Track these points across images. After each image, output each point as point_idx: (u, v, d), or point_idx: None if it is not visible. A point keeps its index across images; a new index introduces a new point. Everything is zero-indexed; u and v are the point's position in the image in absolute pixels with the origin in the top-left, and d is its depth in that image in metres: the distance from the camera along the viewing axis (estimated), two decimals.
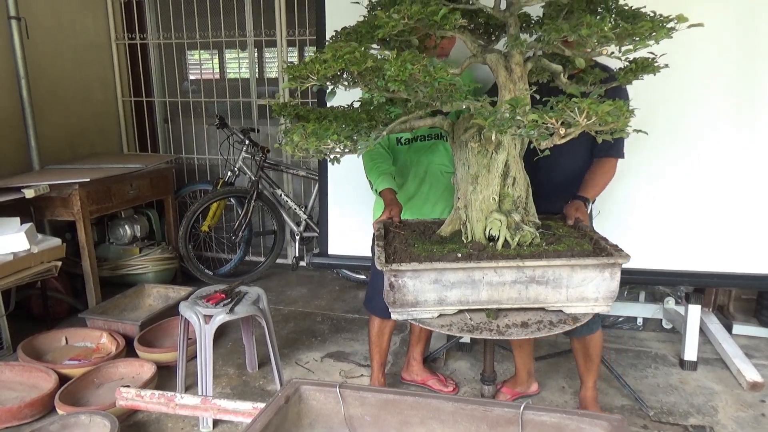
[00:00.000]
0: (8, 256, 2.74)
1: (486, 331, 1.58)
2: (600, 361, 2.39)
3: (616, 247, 1.61)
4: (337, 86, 1.48)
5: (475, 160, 1.70)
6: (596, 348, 2.33)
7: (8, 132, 3.53)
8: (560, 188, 2.12)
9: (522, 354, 2.54)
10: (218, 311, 2.36)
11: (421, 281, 1.59)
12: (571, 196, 2.06)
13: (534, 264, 1.55)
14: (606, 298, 1.59)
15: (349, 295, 3.91)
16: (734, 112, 2.49)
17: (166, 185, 4.02)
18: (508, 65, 1.65)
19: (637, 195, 2.61)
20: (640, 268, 2.47)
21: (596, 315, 2.16)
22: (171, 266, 3.94)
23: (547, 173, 2.08)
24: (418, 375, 2.70)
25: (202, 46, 4.46)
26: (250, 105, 4.47)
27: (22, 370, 2.62)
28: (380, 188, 2.15)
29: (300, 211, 4.08)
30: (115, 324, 3.04)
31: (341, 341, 3.21)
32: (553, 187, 2.10)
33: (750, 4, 2.39)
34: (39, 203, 3.22)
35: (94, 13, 4.23)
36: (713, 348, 3.07)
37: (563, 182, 2.15)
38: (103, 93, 4.36)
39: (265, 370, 2.83)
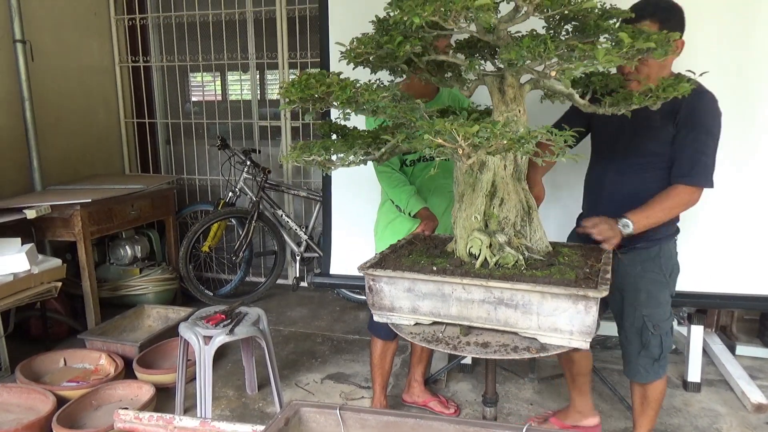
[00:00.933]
0: (8, 276, 2.73)
1: (443, 344, 1.60)
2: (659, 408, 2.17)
3: (606, 281, 1.52)
4: (317, 107, 1.62)
5: (462, 178, 1.73)
6: (658, 392, 2.11)
7: (11, 153, 3.55)
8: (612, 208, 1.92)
9: (576, 384, 2.42)
10: (218, 332, 2.35)
11: (396, 288, 1.65)
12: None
13: (499, 285, 1.53)
14: (581, 332, 1.50)
15: (349, 315, 3.89)
16: (732, 131, 2.49)
17: (167, 206, 4.03)
18: (501, 87, 1.67)
19: None
20: None
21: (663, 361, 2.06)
22: (171, 287, 3.93)
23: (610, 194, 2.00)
24: (419, 397, 2.68)
25: (204, 68, 4.52)
26: (252, 126, 4.50)
27: (20, 392, 2.60)
28: (414, 210, 2.22)
29: (301, 232, 4.08)
30: (114, 345, 3.02)
31: (341, 362, 3.18)
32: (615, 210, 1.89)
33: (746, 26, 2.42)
34: (40, 224, 3.22)
35: (98, 36, 4.29)
36: (717, 369, 3.04)
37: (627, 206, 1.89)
38: (105, 114, 4.40)
39: (265, 392, 2.80)
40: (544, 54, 1.41)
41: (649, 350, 2.04)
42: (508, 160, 1.69)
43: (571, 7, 1.47)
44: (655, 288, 2.02)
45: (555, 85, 1.64)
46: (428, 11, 1.37)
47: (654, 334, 2.02)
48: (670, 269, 2.05)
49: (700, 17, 2.36)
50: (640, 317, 2.03)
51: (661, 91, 1.58)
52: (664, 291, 2.04)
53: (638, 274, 2.02)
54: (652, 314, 2.02)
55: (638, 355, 2.06)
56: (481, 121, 1.45)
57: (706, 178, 1.88)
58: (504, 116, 1.66)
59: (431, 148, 1.41)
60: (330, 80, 1.56)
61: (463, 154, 1.41)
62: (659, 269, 2.02)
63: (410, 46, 1.56)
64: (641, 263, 2.02)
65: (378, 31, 1.67)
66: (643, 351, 2.05)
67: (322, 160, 1.67)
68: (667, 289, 2.05)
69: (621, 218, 1.82)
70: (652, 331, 2.02)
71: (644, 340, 2.04)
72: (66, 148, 4.00)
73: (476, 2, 1.34)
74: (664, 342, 2.04)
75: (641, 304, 2.02)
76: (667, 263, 2.04)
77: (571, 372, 2.39)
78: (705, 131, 1.86)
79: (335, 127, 1.87)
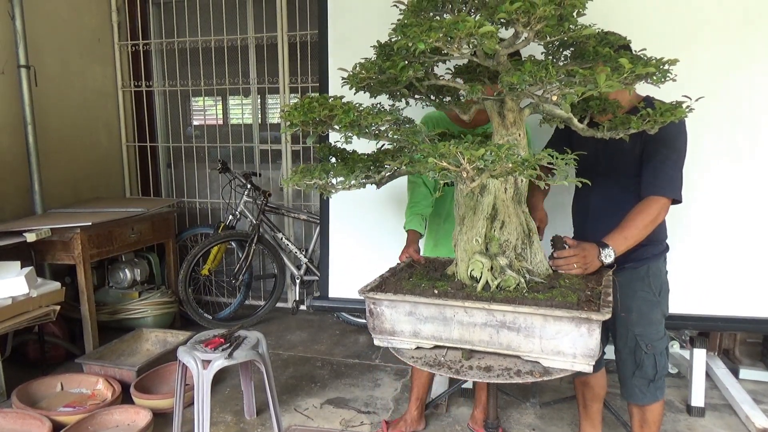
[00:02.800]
0: (7, 300, 2.72)
1: (446, 368, 1.59)
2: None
3: (608, 304, 1.53)
4: (319, 131, 1.64)
5: (463, 201, 1.74)
6: (656, 414, 2.11)
7: (12, 176, 3.57)
8: (600, 228, 1.92)
9: (588, 413, 2.38)
10: (217, 356, 2.33)
11: (397, 312, 1.64)
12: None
13: (501, 308, 1.53)
14: (585, 355, 1.50)
15: (349, 339, 3.86)
16: (733, 150, 2.51)
17: (168, 229, 4.03)
18: (501, 111, 1.69)
19: None
20: None
21: (660, 382, 2.06)
22: (170, 310, 3.91)
23: (595, 217, 2.02)
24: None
25: (206, 93, 4.57)
26: (253, 150, 4.53)
27: (16, 417, 2.56)
28: (406, 228, 2.27)
29: (301, 255, 4.08)
30: (111, 369, 2.99)
31: (341, 387, 3.15)
32: (602, 232, 1.89)
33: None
34: (40, 247, 3.22)
35: (102, 62, 4.35)
36: (720, 393, 3.01)
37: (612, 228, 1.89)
38: (107, 138, 4.44)
39: (264, 417, 2.77)
40: (546, 78, 1.43)
41: (643, 370, 2.05)
42: (508, 183, 1.70)
43: (572, 34, 1.49)
44: (645, 307, 2.04)
45: (554, 109, 1.66)
46: (433, 38, 1.39)
47: (647, 353, 2.04)
48: (659, 288, 2.07)
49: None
50: (633, 337, 2.05)
51: (659, 115, 1.60)
52: (655, 310, 2.05)
53: (628, 294, 2.03)
54: (644, 333, 2.04)
55: (633, 375, 2.07)
56: (483, 144, 1.47)
57: (672, 189, 1.89)
58: (505, 140, 1.67)
59: (435, 171, 1.42)
60: (333, 103, 1.58)
61: (468, 177, 1.41)
62: (649, 288, 2.05)
63: (413, 72, 1.58)
64: (630, 283, 2.03)
65: (379, 56, 1.69)
66: (637, 371, 2.06)
67: (323, 184, 1.68)
68: (659, 307, 2.07)
69: (603, 248, 1.80)
70: (645, 350, 2.04)
71: (638, 359, 2.05)
72: (67, 171, 4.02)
73: (480, 29, 1.36)
74: (658, 362, 2.05)
75: (633, 324, 2.04)
76: (656, 282, 2.06)
77: (585, 398, 2.35)
78: (667, 146, 1.89)
79: (334, 151, 1.88)
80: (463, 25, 1.35)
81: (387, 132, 1.65)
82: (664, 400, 2.12)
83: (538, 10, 1.38)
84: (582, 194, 2.16)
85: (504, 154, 1.37)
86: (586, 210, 2.13)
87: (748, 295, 2.56)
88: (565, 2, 1.43)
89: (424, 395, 2.62)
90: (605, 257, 1.80)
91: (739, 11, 2.42)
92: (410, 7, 1.63)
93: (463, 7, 1.65)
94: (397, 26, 1.53)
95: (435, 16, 1.67)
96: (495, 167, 1.38)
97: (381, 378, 3.25)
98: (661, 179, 1.88)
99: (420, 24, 1.43)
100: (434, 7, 1.64)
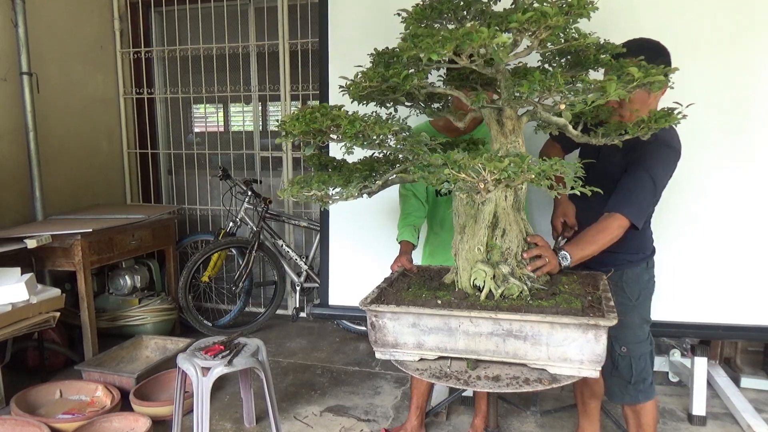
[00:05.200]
0: (7, 306, 2.72)
1: (453, 379, 1.57)
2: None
3: (611, 309, 1.54)
4: (318, 141, 1.63)
5: (464, 209, 1.73)
6: (649, 417, 2.13)
7: (13, 183, 3.58)
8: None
9: (587, 410, 2.43)
10: (216, 363, 2.33)
11: (400, 323, 1.62)
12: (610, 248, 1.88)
13: (508, 317, 1.52)
14: (592, 361, 1.50)
15: (349, 347, 3.85)
16: (734, 157, 2.51)
17: (168, 235, 4.03)
18: (500, 119, 1.69)
19: None
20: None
21: (650, 380, 2.09)
22: (170, 317, 3.90)
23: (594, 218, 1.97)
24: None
25: (207, 100, 4.59)
26: (253, 157, 4.54)
27: (14, 425, 2.55)
28: (399, 239, 2.27)
29: (301, 262, 4.07)
30: (110, 376, 2.99)
31: (341, 395, 3.14)
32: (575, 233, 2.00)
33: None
34: (40, 253, 3.22)
35: (104, 69, 4.36)
36: (722, 402, 2.99)
37: (581, 229, 1.98)
38: (109, 145, 4.45)
39: (263, 425, 2.76)
40: (554, 87, 1.43)
41: (619, 371, 2.09)
42: (509, 191, 1.70)
43: (575, 43, 1.50)
44: (619, 310, 2.02)
45: (551, 117, 1.67)
46: (448, 48, 1.38)
47: (622, 356, 2.08)
48: (638, 293, 2.09)
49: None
50: (608, 338, 2.04)
51: (653, 122, 1.62)
52: (630, 314, 2.06)
53: None
54: (618, 336, 2.05)
55: (610, 375, 2.12)
56: (474, 151, 1.46)
57: (637, 214, 1.88)
58: (505, 148, 1.67)
59: (450, 182, 1.41)
60: (336, 114, 1.57)
61: (484, 188, 1.40)
62: (622, 292, 2.07)
63: (417, 80, 1.57)
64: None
65: (378, 63, 1.70)
66: (614, 371, 2.11)
67: (321, 195, 1.68)
68: (635, 311, 2.08)
69: (560, 251, 1.82)
70: (619, 352, 2.08)
71: (614, 360, 2.09)
72: (68, 178, 4.02)
73: (495, 40, 1.36)
74: (636, 365, 2.07)
75: None
76: (632, 287, 2.08)
77: (584, 396, 2.39)
78: (645, 170, 1.90)
79: (326, 160, 1.87)
80: (477, 36, 1.35)
81: (390, 141, 1.64)
82: (655, 404, 2.14)
83: (550, 20, 1.38)
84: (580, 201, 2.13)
85: (526, 166, 1.37)
86: (585, 216, 2.11)
87: (750, 303, 2.56)
88: (572, 11, 1.43)
89: (424, 404, 2.61)
90: (562, 259, 1.81)
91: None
92: (413, 16, 1.64)
93: (465, 15, 1.65)
94: (407, 36, 1.52)
95: (437, 24, 1.68)
96: (517, 178, 1.37)
97: (381, 386, 3.24)
98: (632, 202, 1.88)
99: (432, 34, 1.42)
100: (438, 15, 1.64)
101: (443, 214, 2.42)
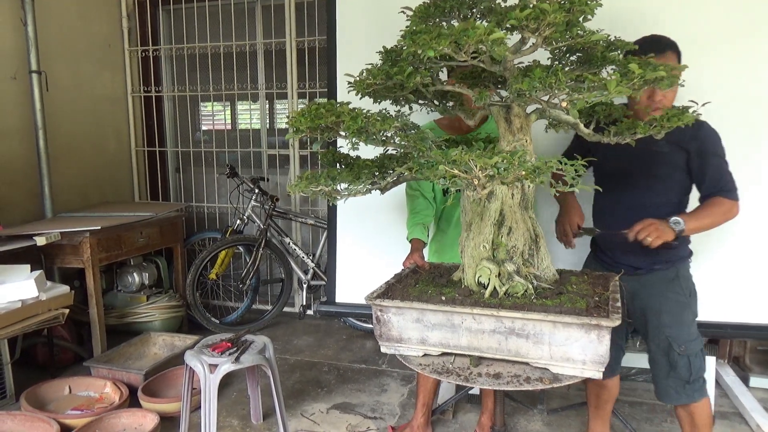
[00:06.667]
0: (17, 303, 2.74)
1: (454, 375, 1.58)
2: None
3: (617, 310, 1.52)
4: (326, 137, 1.65)
5: (470, 207, 1.73)
6: (703, 417, 2.10)
7: (23, 181, 3.60)
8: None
9: (600, 413, 2.42)
10: (224, 360, 2.34)
11: (405, 319, 1.63)
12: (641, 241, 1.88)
13: (510, 315, 1.52)
14: (594, 362, 1.49)
15: (356, 344, 3.86)
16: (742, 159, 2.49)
17: (176, 233, 4.05)
18: (508, 117, 1.68)
19: None
20: None
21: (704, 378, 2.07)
22: (178, 314, 3.93)
23: (626, 221, 1.95)
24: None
25: (215, 98, 4.60)
26: (261, 154, 4.55)
27: (24, 420, 2.58)
28: (409, 237, 2.28)
29: (308, 260, 4.08)
30: (119, 373, 3.01)
31: (348, 392, 3.15)
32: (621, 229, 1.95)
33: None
34: (49, 251, 3.25)
35: (112, 67, 4.38)
36: (730, 402, 2.98)
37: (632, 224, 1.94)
38: (117, 143, 4.47)
39: (270, 422, 2.77)
40: (555, 85, 1.43)
41: (677, 371, 2.06)
42: (515, 188, 1.70)
43: (580, 40, 1.49)
44: (677, 308, 2.06)
45: (561, 114, 1.66)
46: (443, 44, 1.39)
47: (681, 354, 2.04)
48: (689, 289, 2.10)
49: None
50: (665, 338, 2.06)
51: (665, 120, 1.60)
52: (686, 311, 2.07)
53: (660, 296, 2.07)
54: (676, 335, 2.04)
55: (667, 376, 2.08)
56: (486, 150, 1.46)
57: (735, 190, 1.98)
58: (512, 145, 1.67)
59: (446, 179, 1.42)
60: (340, 110, 1.58)
61: (479, 184, 1.41)
62: (680, 289, 2.07)
63: (420, 78, 1.58)
64: (660, 285, 2.07)
65: (385, 61, 1.70)
66: (672, 372, 2.07)
67: (329, 190, 1.69)
68: (689, 309, 2.08)
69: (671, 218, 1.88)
70: (678, 351, 2.04)
71: (672, 361, 2.06)
72: (77, 175, 4.05)
73: (491, 36, 1.35)
74: (693, 363, 2.04)
75: (665, 325, 2.06)
76: (686, 284, 2.10)
77: (599, 399, 2.38)
78: (718, 155, 2.00)
79: (338, 157, 1.89)
80: (473, 32, 1.35)
81: (394, 138, 1.65)
82: (709, 402, 2.12)
83: (548, 17, 1.38)
84: (609, 199, 2.10)
85: (517, 161, 1.37)
86: (613, 214, 2.13)
87: (759, 302, 2.53)
88: (574, 8, 1.43)
89: (430, 401, 2.61)
90: (674, 224, 1.86)
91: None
92: (418, 14, 1.64)
93: (470, 13, 1.65)
94: (406, 33, 1.53)
95: (442, 22, 1.67)
96: (507, 175, 1.37)
97: (388, 383, 3.25)
98: (723, 183, 1.97)
99: (429, 31, 1.43)
100: (442, 13, 1.64)
101: (451, 211, 2.41)
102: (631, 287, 2.05)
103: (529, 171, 1.38)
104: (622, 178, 2.09)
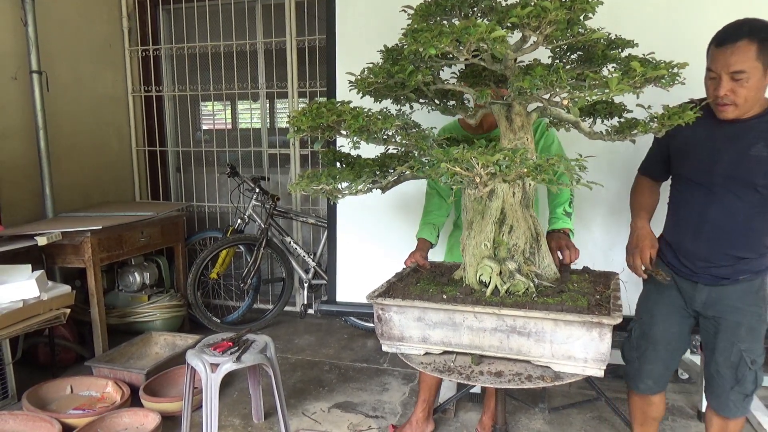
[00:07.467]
0: (18, 303, 2.74)
1: (456, 373, 1.58)
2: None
3: (618, 308, 1.51)
4: (326, 136, 1.64)
5: (471, 205, 1.73)
6: (738, 428, 2.00)
7: (24, 181, 3.61)
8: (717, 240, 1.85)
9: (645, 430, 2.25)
10: (225, 360, 2.34)
11: (406, 317, 1.63)
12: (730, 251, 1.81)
13: (512, 313, 1.52)
14: (596, 360, 1.49)
15: (357, 343, 3.86)
16: None
17: (177, 233, 4.05)
18: (509, 115, 1.68)
19: None
20: None
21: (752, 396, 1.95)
22: (179, 314, 3.93)
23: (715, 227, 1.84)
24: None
25: (215, 97, 4.60)
26: (261, 154, 4.55)
27: (26, 420, 2.58)
28: (418, 236, 2.27)
29: (309, 259, 4.08)
30: (120, 372, 3.01)
31: (349, 391, 3.15)
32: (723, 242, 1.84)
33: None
34: (50, 250, 3.25)
35: (112, 67, 4.38)
36: None
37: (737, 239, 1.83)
38: (118, 143, 4.47)
39: (272, 421, 2.77)
40: (557, 83, 1.42)
41: (743, 386, 1.93)
42: (516, 187, 1.70)
43: (581, 38, 1.49)
44: (755, 322, 1.92)
45: (561, 113, 1.66)
46: (445, 43, 1.39)
47: (750, 369, 1.92)
48: (765, 300, 1.95)
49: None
50: (738, 352, 1.91)
51: (666, 119, 1.59)
52: (763, 325, 1.94)
53: (740, 308, 1.91)
54: (750, 349, 1.91)
55: (731, 390, 1.94)
56: (487, 148, 1.46)
57: None
58: (513, 144, 1.67)
59: (447, 177, 1.42)
60: (341, 109, 1.58)
61: (481, 182, 1.41)
62: (762, 302, 1.92)
63: (422, 76, 1.58)
64: (744, 297, 1.91)
65: (386, 60, 1.70)
66: (736, 386, 1.94)
67: (330, 189, 1.69)
68: (765, 323, 1.95)
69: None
70: (749, 366, 1.91)
71: (739, 375, 1.93)
72: (78, 175, 4.05)
73: (492, 34, 1.35)
74: (759, 377, 1.94)
75: (740, 339, 1.91)
76: (764, 294, 1.94)
77: (645, 416, 2.18)
78: None
79: (339, 156, 1.89)
80: (474, 30, 1.35)
81: (395, 137, 1.65)
82: (744, 419, 2.02)
83: (549, 14, 1.38)
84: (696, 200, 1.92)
85: (518, 159, 1.37)
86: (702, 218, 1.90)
87: None
88: (575, 6, 1.43)
89: (431, 397, 2.61)
90: None
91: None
92: (419, 12, 1.64)
93: (471, 11, 1.65)
94: (408, 31, 1.53)
95: (443, 20, 1.67)
96: (509, 172, 1.37)
97: (389, 382, 3.25)
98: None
99: (431, 29, 1.43)
100: (443, 11, 1.64)
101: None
102: (706, 298, 1.93)
103: (530, 169, 1.38)
104: (707, 182, 1.87)
